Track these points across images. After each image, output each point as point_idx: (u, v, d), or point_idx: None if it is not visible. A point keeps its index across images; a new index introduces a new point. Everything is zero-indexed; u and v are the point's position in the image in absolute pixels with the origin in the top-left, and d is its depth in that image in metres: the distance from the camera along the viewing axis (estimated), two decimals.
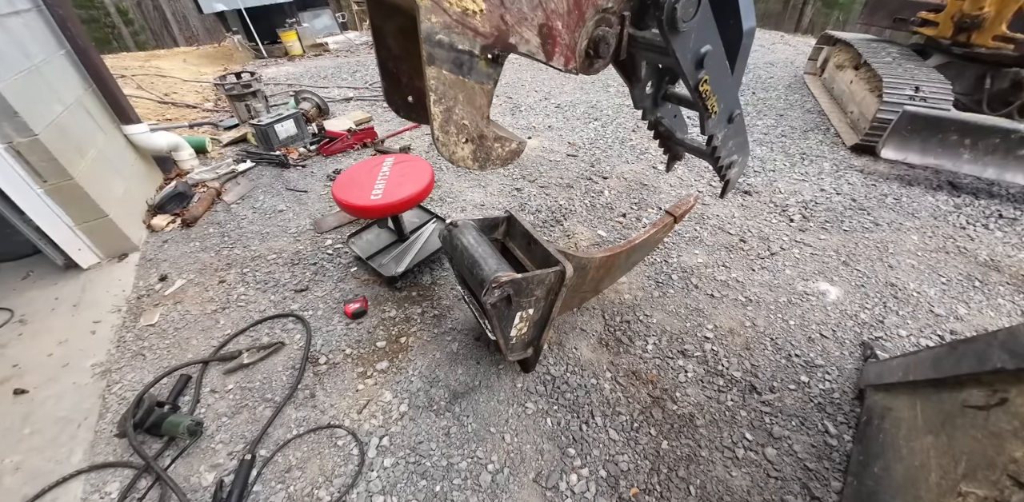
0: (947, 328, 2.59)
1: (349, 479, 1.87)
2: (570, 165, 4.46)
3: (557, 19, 1.03)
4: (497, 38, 0.96)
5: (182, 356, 2.42)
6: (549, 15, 1.01)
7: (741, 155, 2.09)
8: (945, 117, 3.76)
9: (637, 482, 1.88)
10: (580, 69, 1.19)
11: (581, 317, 2.65)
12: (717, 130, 1.78)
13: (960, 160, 3.82)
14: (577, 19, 1.07)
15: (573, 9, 1.04)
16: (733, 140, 1.93)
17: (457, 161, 1.07)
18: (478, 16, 0.91)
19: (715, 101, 1.60)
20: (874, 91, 4.68)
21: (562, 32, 1.05)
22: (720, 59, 1.51)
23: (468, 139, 1.03)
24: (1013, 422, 1.21)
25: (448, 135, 1.00)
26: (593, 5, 1.08)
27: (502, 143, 1.10)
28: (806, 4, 13.05)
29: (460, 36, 0.91)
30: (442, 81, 0.93)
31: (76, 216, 2.88)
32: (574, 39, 1.10)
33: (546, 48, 1.05)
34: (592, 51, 1.17)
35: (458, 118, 0.99)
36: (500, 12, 0.93)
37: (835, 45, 6.37)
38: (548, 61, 1.09)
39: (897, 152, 3.98)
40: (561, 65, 1.11)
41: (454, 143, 1.02)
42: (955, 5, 4.60)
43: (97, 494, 1.83)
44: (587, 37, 1.14)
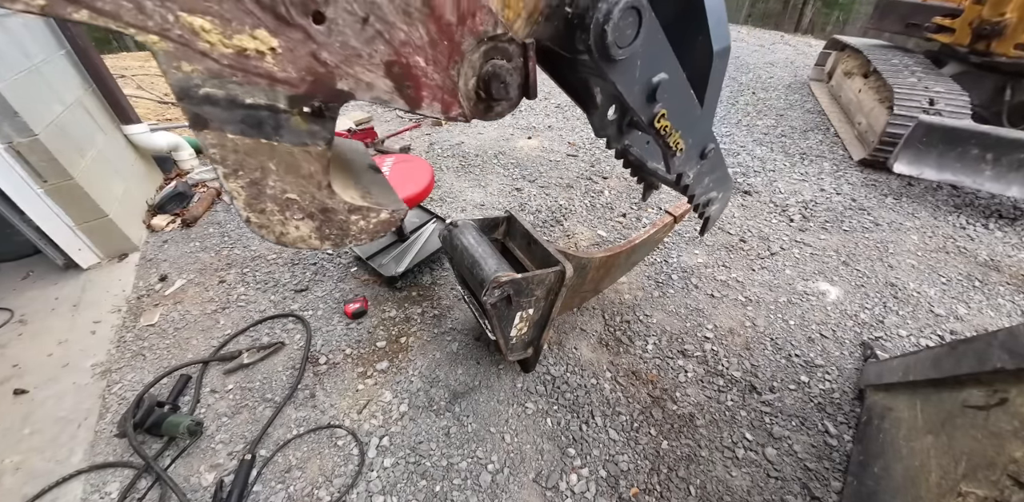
0: (947, 328, 2.59)
1: (349, 479, 1.87)
2: (570, 165, 4.46)
3: (415, 54, 0.74)
4: (313, 84, 0.69)
5: (182, 356, 2.42)
6: (399, 49, 0.72)
7: (722, 191, 1.86)
8: (965, 128, 3.46)
9: (637, 482, 1.88)
10: (472, 115, 0.89)
11: (581, 317, 2.65)
12: (686, 168, 1.53)
13: (981, 177, 3.49)
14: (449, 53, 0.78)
15: (439, 40, 0.75)
16: (709, 177, 1.69)
17: (292, 243, 0.80)
18: (269, 57, 0.64)
19: (679, 138, 1.34)
20: (884, 102, 4.36)
21: (428, 71, 0.77)
22: (680, 89, 1.26)
23: (303, 215, 0.78)
24: (1013, 422, 1.21)
25: (266, 215, 0.75)
26: (472, 33, 0.79)
27: (364, 215, 0.83)
28: (806, 4, 13.05)
29: (246, 87, 0.65)
30: (231, 149, 0.68)
31: (76, 216, 2.87)
32: (450, 78, 0.81)
33: (406, 93, 0.77)
34: (484, 93, 0.87)
35: (276, 192, 0.74)
36: (309, 49, 0.66)
37: (843, 50, 5.99)
38: (414, 110, 0.80)
39: (911, 167, 3.64)
40: (438, 112, 0.83)
41: (279, 223, 0.76)
42: (973, 10, 4.25)
43: (97, 494, 1.83)
44: (474, 74, 0.85)
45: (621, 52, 0.96)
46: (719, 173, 1.75)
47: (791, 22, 13.40)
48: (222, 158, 0.68)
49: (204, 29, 0.58)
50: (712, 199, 1.84)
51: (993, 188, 3.46)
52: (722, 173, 1.78)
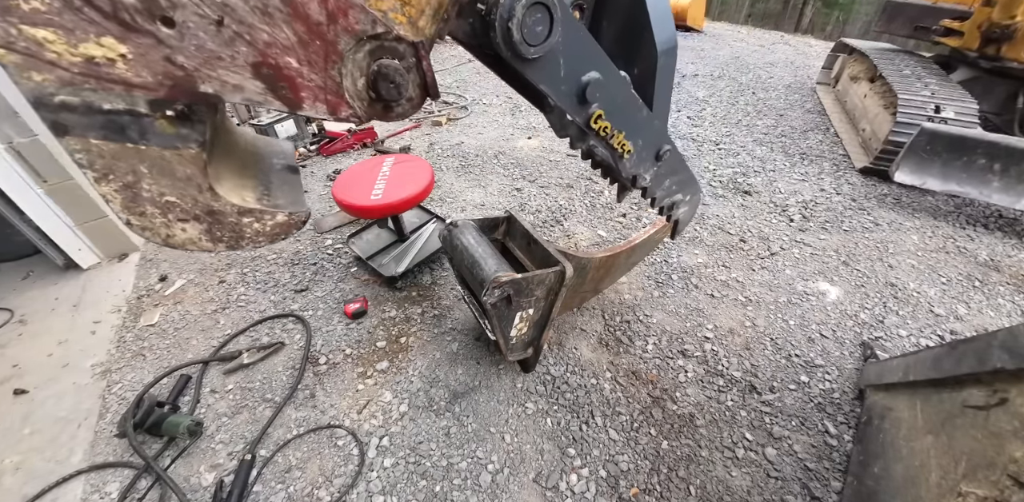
0: (947, 328, 2.59)
1: (349, 479, 1.87)
2: (570, 165, 4.46)
3: (284, 55, 0.72)
4: (173, 88, 0.67)
5: (182, 356, 2.42)
6: (264, 50, 0.70)
7: (688, 193, 1.82)
8: (971, 137, 3.32)
9: (637, 482, 1.88)
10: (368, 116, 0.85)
11: (581, 317, 2.65)
12: (640, 170, 1.48)
13: (989, 188, 3.32)
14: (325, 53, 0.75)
15: (309, 40, 0.72)
16: (670, 179, 1.65)
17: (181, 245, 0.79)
18: (120, 63, 0.63)
19: (623, 139, 1.30)
20: (888, 108, 4.20)
21: (303, 71, 0.74)
22: (617, 88, 1.21)
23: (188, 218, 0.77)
24: (1013, 422, 1.21)
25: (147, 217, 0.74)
26: (348, 32, 0.74)
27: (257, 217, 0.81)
28: (806, 4, 13.06)
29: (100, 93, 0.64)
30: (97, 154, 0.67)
31: (76, 216, 2.88)
32: (331, 79, 0.77)
33: (281, 94, 0.74)
34: (375, 93, 0.82)
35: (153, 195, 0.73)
36: (163, 53, 0.64)
37: (851, 54, 5.84)
38: (294, 111, 0.77)
39: (914, 176, 3.51)
40: (324, 114, 0.79)
41: (163, 226, 0.76)
42: (983, 13, 4.07)
43: (97, 494, 1.83)
44: (361, 75, 0.80)
45: (534, 50, 0.92)
46: (681, 175, 1.71)
47: (791, 22, 13.41)
48: (89, 163, 0.68)
49: (48, 40, 0.58)
50: (677, 202, 1.80)
51: (1001, 201, 3.31)
52: (685, 175, 1.74)
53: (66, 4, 0.57)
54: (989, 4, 4.06)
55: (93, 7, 0.58)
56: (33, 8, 0.56)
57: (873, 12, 10.81)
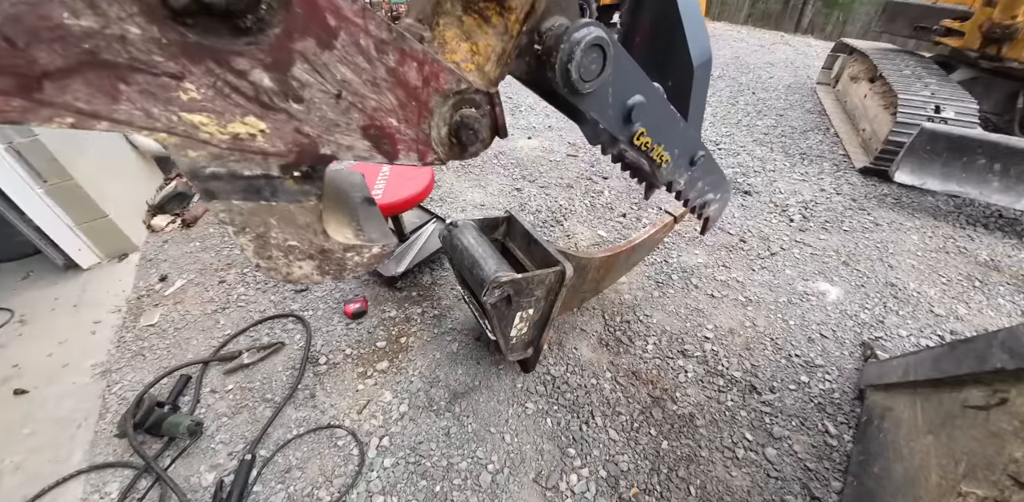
0: (947, 328, 2.59)
1: (349, 479, 1.87)
2: (570, 165, 4.46)
3: (387, 117, 0.83)
4: (301, 153, 0.78)
5: (182, 356, 2.42)
6: (372, 115, 0.81)
7: (719, 192, 1.90)
8: (971, 137, 3.33)
9: (637, 482, 1.88)
10: (447, 158, 0.96)
11: (581, 317, 2.65)
12: (676, 176, 1.56)
13: (989, 188, 3.33)
14: (418, 111, 0.86)
15: (407, 101, 0.83)
16: (703, 181, 1.73)
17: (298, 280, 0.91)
18: (260, 137, 0.73)
19: (662, 150, 1.37)
20: (888, 108, 4.20)
21: (400, 128, 0.85)
22: (658, 107, 1.27)
23: (304, 257, 0.88)
24: (1013, 422, 1.21)
25: (273, 261, 0.85)
26: (438, 92, 0.86)
27: (357, 251, 0.93)
28: (806, 4, 13.06)
29: (243, 163, 0.75)
30: (237, 212, 0.78)
31: (76, 216, 2.88)
32: (422, 132, 0.88)
33: (383, 149, 0.85)
34: (456, 139, 0.92)
35: (279, 241, 0.84)
36: (293, 125, 0.75)
37: (851, 54, 5.86)
38: (392, 162, 0.88)
39: (913, 176, 3.51)
40: (415, 161, 0.90)
41: (285, 266, 0.87)
42: (984, 13, 4.07)
43: (97, 494, 1.83)
44: (445, 124, 0.91)
45: (588, 86, 1.01)
46: (713, 176, 1.78)
47: (791, 22, 13.40)
48: (231, 220, 0.79)
49: (203, 123, 0.69)
50: (709, 201, 1.87)
51: (1001, 201, 3.32)
52: (717, 176, 1.81)
53: (218, 92, 0.67)
54: (990, 4, 4.05)
55: (239, 93, 0.69)
56: (191, 98, 0.66)
57: (873, 12, 10.80)
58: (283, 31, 0.67)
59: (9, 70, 0.55)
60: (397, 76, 0.79)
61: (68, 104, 0.60)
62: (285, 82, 0.71)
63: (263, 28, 0.65)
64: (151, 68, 0.63)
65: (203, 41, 0.63)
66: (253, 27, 0.65)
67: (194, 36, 0.62)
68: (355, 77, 0.76)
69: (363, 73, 0.76)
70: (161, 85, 0.64)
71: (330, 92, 0.75)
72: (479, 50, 0.91)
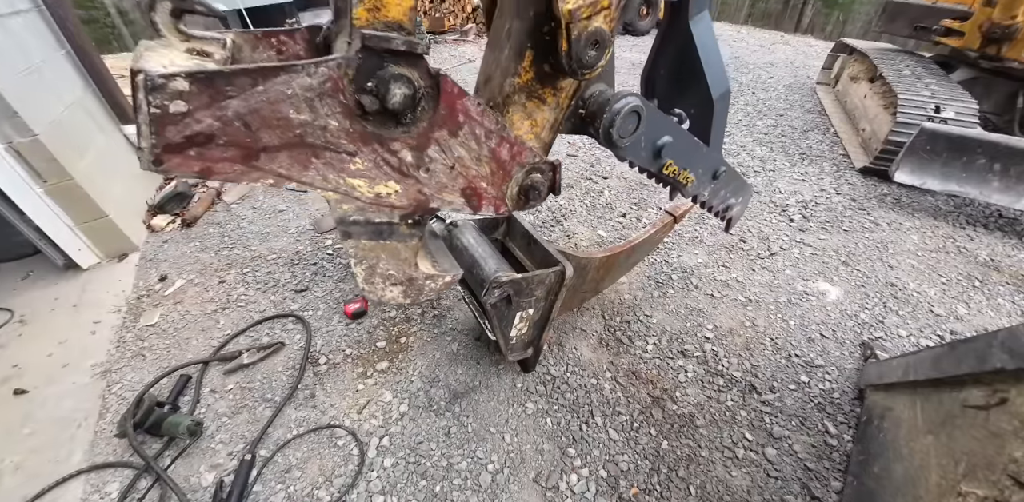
0: (947, 328, 2.59)
1: (349, 479, 1.87)
2: (570, 165, 4.46)
3: (480, 181, 1.08)
4: (417, 207, 1.03)
5: (182, 356, 2.41)
6: (471, 180, 1.07)
7: (741, 195, 2.03)
8: (971, 137, 3.32)
9: (637, 482, 1.88)
10: (514, 209, 1.23)
11: (581, 317, 2.65)
12: (700, 190, 1.73)
13: (989, 188, 3.32)
14: (503, 177, 1.12)
15: (497, 170, 1.09)
16: (725, 189, 1.89)
17: (387, 301, 1.16)
18: (393, 196, 0.98)
19: (688, 174, 1.57)
20: (888, 108, 4.20)
21: (487, 189, 1.11)
22: (684, 141, 1.47)
23: (396, 283, 1.11)
24: (1013, 422, 1.21)
25: (374, 285, 1.09)
26: (519, 164, 1.12)
27: (434, 279, 1.16)
28: (806, 4, 13.03)
29: (376, 213, 0.99)
30: (361, 248, 1.02)
31: (76, 216, 2.87)
32: (501, 191, 1.14)
33: (471, 204, 1.11)
34: (523, 197, 1.21)
35: (383, 271, 1.07)
36: (417, 188, 1.00)
37: (851, 54, 5.86)
38: (474, 213, 1.15)
39: (913, 176, 3.51)
40: (490, 212, 1.18)
41: (381, 289, 1.10)
42: (984, 13, 4.06)
43: (97, 494, 1.83)
44: (517, 186, 1.17)
45: (625, 141, 1.24)
46: (735, 184, 1.93)
47: (791, 22, 13.37)
48: (356, 254, 1.03)
49: (359, 186, 0.94)
50: (731, 205, 2.02)
51: (1001, 201, 3.32)
52: (738, 183, 1.95)
53: (375, 164, 0.92)
54: (990, 4, 4.06)
55: (389, 165, 0.94)
56: (357, 168, 0.91)
57: (873, 12, 10.80)
58: (428, 124, 0.93)
59: (239, 145, 0.77)
60: (495, 154, 1.06)
61: (272, 170, 0.83)
62: (421, 158, 0.97)
63: (416, 122, 0.91)
64: (337, 147, 0.86)
65: (375, 130, 0.88)
66: (409, 121, 0.90)
67: (371, 127, 0.87)
68: (467, 154, 1.02)
69: (472, 152, 1.02)
70: (339, 159, 0.88)
71: (448, 165, 1.01)
72: (537, 123, 1.18)
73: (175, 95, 0.69)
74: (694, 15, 1.44)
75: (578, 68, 1.03)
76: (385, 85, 0.81)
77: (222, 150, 0.76)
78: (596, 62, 1.04)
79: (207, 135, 0.74)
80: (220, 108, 0.73)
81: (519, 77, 1.08)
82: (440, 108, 0.91)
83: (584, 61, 1.02)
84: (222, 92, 0.72)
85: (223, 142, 0.76)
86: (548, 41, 1.02)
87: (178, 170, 0.75)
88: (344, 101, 0.82)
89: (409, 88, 0.84)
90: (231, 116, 0.74)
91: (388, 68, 0.81)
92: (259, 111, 0.75)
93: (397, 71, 0.82)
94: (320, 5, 11.87)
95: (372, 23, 0.80)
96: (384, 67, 0.81)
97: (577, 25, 0.95)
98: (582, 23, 0.96)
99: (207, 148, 0.75)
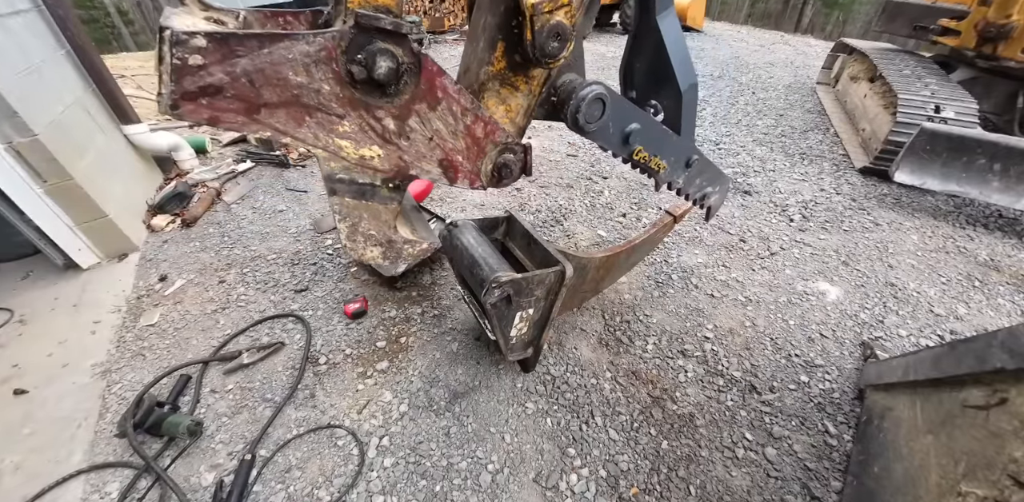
0: (947, 328, 2.59)
1: (349, 479, 1.87)
2: (570, 165, 4.46)
3: (456, 154, 1.20)
4: (397, 172, 1.14)
5: (182, 356, 2.41)
6: (448, 152, 1.18)
7: (717, 184, 2.11)
8: (971, 137, 3.32)
9: (637, 482, 1.88)
10: (488, 186, 1.34)
11: (581, 317, 2.65)
12: (674, 177, 1.82)
13: (989, 188, 3.33)
14: (477, 153, 1.23)
15: (471, 146, 1.21)
16: (700, 178, 1.96)
17: (367, 260, 1.27)
18: (376, 159, 1.09)
19: (659, 161, 1.66)
20: (888, 108, 4.21)
21: (463, 163, 1.23)
22: (652, 128, 1.56)
23: (376, 244, 1.23)
24: (1013, 422, 1.21)
25: (355, 243, 1.21)
26: (492, 142, 1.23)
27: (411, 244, 1.28)
28: (806, 4, 13.03)
29: (360, 174, 1.10)
30: (345, 205, 1.14)
31: (76, 216, 2.87)
32: (476, 167, 1.26)
33: (448, 175, 1.23)
34: (496, 174, 1.31)
35: (364, 230, 1.19)
36: (398, 154, 1.11)
37: (851, 54, 5.87)
38: (451, 184, 1.27)
39: (913, 176, 3.51)
40: (466, 186, 1.29)
41: (362, 248, 1.22)
42: (979, 12, 4.09)
43: (97, 494, 1.83)
44: (491, 163, 1.28)
45: (592, 125, 1.36)
46: (710, 173, 2.00)
47: (791, 22, 13.37)
48: (339, 210, 1.14)
49: (345, 146, 1.05)
50: (708, 194, 2.10)
51: (1001, 201, 3.32)
52: (713, 173, 2.02)
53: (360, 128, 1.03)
54: (985, 3, 4.06)
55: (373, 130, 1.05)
56: (344, 130, 1.02)
57: (873, 12, 10.80)
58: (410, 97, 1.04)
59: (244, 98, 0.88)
60: (470, 130, 1.17)
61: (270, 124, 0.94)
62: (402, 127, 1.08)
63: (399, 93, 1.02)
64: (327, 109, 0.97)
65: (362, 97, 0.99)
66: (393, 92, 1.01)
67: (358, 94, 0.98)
68: (444, 128, 1.13)
69: (449, 126, 1.13)
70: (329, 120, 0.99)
71: (426, 136, 1.12)
72: (511, 109, 1.30)
73: (194, 50, 0.80)
74: (660, 11, 1.53)
75: (542, 57, 1.14)
76: (372, 58, 0.92)
77: (229, 101, 0.87)
78: (558, 53, 1.16)
79: (217, 87, 0.85)
80: (231, 65, 0.84)
81: (492, 66, 1.20)
82: (421, 83, 1.01)
83: (547, 51, 1.13)
84: (233, 51, 0.83)
85: (230, 94, 0.87)
86: (517, 33, 1.14)
87: (191, 116, 0.86)
88: (336, 69, 0.93)
89: (393, 62, 0.94)
90: (239, 73, 0.85)
91: (376, 43, 0.92)
92: (263, 70, 0.87)
93: (384, 46, 0.92)
94: (319, 5, 11.89)
95: (364, 6, 0.93)
96: (373, 42, 0.92)
97: (540, 18, 1.07)
98: (544, 16, 1.07)
99: (216, 98, 0.86)
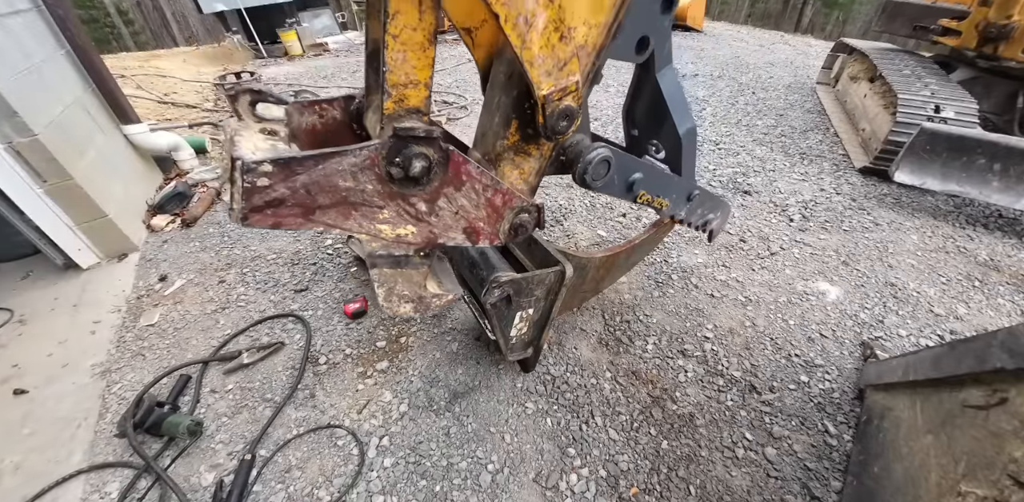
0: (947, 328, 2.59)
1: (349, 479, 1.87)
2: None
3: (479, 222, 1.33)
4: (427, 243, 1.28)
5: (182, 356, 2.42)
6: (471, 222, 1.31)
7: (719, 211, 2.22)
8: (971, 136, 3.32)
9: (637, 482, 1.88)
10: (505, 241, 1.45)
11: (581, 317, 2.65)
12: (676, 211, 1.94)
13: (988, 188, 3.32)
14: (496, 218, 1.36)
15: (492, 213, 1.33)
16: (700, 208, 2.06)
17: (400, 314, 1.47)
18: (410, 236, 1.23)
19: (661, 200, 1.79)
20: (888, 108, 4.20)
21: (484, 228, 1.35)
22: (654, 177, 1.69)
23: (408, 301, 1.36)
24: (1013, 422, 1.21)
25: (391, 303, 1.34)
26: (510, 208, 1.36)
27: (439, 298, 1.41)
28: (806, 4, 13.04)
29: (396, 247, 1.25)
30: (382, 275, 1.28)
31: (76, 216, 2.87)
32: (496, 229, 1.38)
33: (471, 239, 1.36)
34: (513, 232, 1.43)
35: (399, 291, 1.33)
36: (429, 229, 1.25)
37: (850, 54, 5.86)
38: (473, 245, 1.40)
39: (913, 176, 3.50)
40: (487, 244, 1.41)
41: (396, 306, 1.35)
42: (980, 12, 4.08)
43: (97, 494, 1.83)
44: (508, 223, 1.40)
45: (598, 183, 1.49)
46: (711, 203, 2.11)
47: (791, 22, 13.38)
48: (378, 279, 1.28)
49: (384, 229, 1.19)
50: (710, 220, 2.21)
51: (1001, 201, 3.31)
52: (714, 202, 2.14)
53: (397, 214, 1.17)
54: (986, 4, 4.06)
55: (408, 214, 1.19)
56: (383, 217, 1.16)
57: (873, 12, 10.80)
58: (439, 183, 1.18)
59: (302, 205, 1.02)
60: (490, 202, 1.31)
61: (323, 221, 1.07)
62: (432, 207, 1.22)
63: (430, 182, 1.16)
64: (371, 204, 1.12)
65: (399, 190, 1.13)
66: (425, 183, 1.15)
67: (396, 188, 1.12)
68: (468, 203, 1.27)
69: (472, 201, 1.27)
70: (371, 211, 1.13)
71: (453, 211, 1.26)
72: (525, 171, 1.44)
73: (261, 175, 0.93)
74: (660, 69, 1.66)
75: (552, 135, 1.29)
76: (408, 160, 1.06)
77: (289, 209, 1.01)
78: (567, 129, 1.30)
79: (280, 199, 0.99)
80: (292, 181, 0.98)
81: (507, 140, 1.35)
82: (448, 172, 1.17)
83: (557, 129, 1.28)
84: (294, 171, 0.97)
85: (291, 204, 1.01)
86: (529, 113, 1.29)
87: (258, 225, 1.00)
88: (378, 172, 1.07)
89: (426, 162, 1.09)
90: (298, 186, 0.99)
91: (411, 148, 1.06)
92: (318, 182, 1.01)
93: (418, 150, 1.07)
94: (319, 5, 11.87)
95: (397, 110, 1.09)
96: (408, 147, 1.06)
97: (551, 105, 1.20)
98: (555, 103, 1.21)
99: (279, 208, 1.00)
